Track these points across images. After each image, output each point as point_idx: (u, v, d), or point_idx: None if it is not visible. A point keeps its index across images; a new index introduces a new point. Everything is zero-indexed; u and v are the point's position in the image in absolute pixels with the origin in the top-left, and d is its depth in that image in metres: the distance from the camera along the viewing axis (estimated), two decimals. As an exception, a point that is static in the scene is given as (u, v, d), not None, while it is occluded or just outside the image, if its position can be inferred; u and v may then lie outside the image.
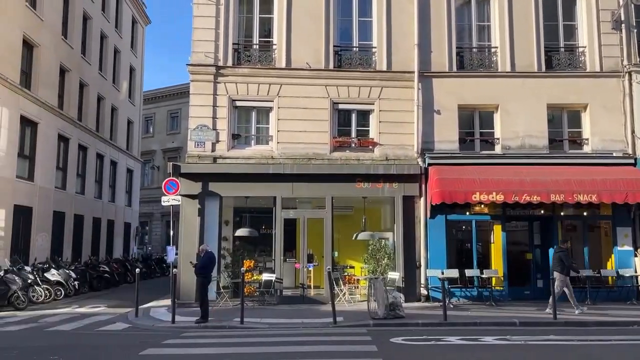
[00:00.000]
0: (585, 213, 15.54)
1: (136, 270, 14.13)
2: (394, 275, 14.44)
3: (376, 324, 11.34)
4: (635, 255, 14.99)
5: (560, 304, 12.21)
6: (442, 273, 14.12)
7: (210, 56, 15.45)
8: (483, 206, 15.22)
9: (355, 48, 16.16)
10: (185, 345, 9.39)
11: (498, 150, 15.66)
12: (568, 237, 15.11)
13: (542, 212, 15.41)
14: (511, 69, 15.83)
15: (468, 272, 14.67)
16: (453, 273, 14.43)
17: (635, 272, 14.82)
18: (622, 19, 15.95)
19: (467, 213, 15.37)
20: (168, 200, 14.77)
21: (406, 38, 15.81)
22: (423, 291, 14.94)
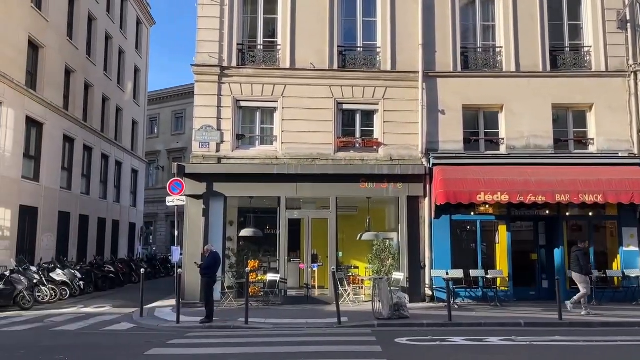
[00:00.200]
0: (590, 213, 15.49)
1: (141, 270, 14.17)
2: (399, 275, 14.44)
3: (381, 325, 11.33)
4: (641, 255, 14.93)
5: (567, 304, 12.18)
6: (447, 273, 14.15)
7: (214, 57, 15.48)
8: (488, 206, 15.21)
9: (359, 48, 16.15)
10: (190, 345, 9.41)
11: (503, 150, 15.63)
12: (587, 237, 14.84)
13: (548, 213, 15.38)
14: (516, 69, 15.79)
15: (473, 273, 14.63)
16: (458, 273, 14.42)
17: (641, 273, 14.76)
18: (628, 19, 15.90)
19: (472, 213, 15.35)
20: (173, 200, 14.79)
21: (410, 38, 15.80)
22: (428, 291, 14.93)
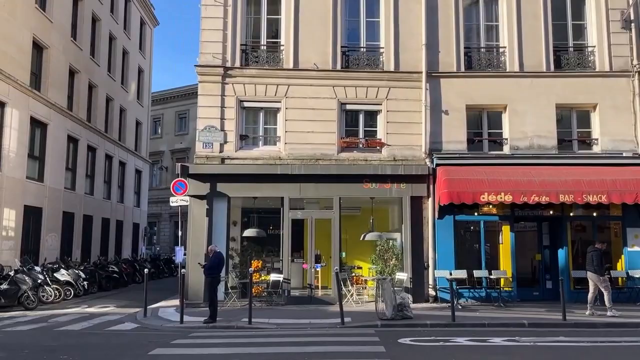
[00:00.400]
0: (594, 214, 15.45)
1: (145, 270, 14.20)
2: (402, 275, 14.42)
3: (384, 325, 11.33)
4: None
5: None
6: (450, 274, 14.11)
7: (218, 57, 15.50)
8: (491, 207, 15.18)
9: (362, 48, 16.14)
10: (193, 345, 9.43)
11: (506, 150, 15.60)
12: (605, 239, 14.68)
13: (551, 213, 15.34)
14: (519, 69, 15.75)
15: (476, 273, 14.62)
16: (461, 274, 14.39)
17: (645, 273, 14.70)
18: (632, 18, 15.84)
19: (476, 214, 15.33)
20: (176, 200, 14.83)
21: (414, 38, 15.78)
22: (431, 292, 14.91)
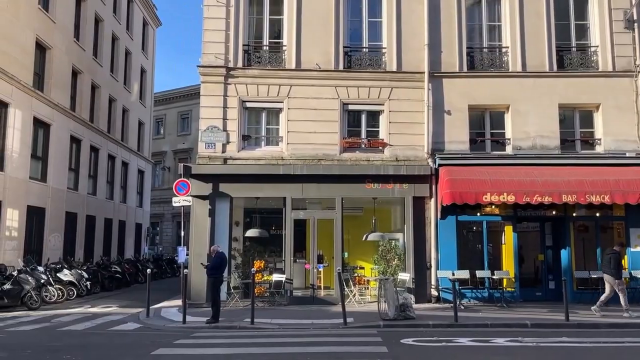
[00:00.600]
0: (597, 214, 15.39)
1: (147, 270, 14.22)
2: (405, 276, 14.41)
3: (386, 325, 11.32)
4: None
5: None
6: (453, 274, 14.11)
7: (220, 58, 15.51)
8: (494, 207, 15.15)
9: (365, 49, 16.14)
10: (196, 345, 9.44)
11: (509, 150, 15.57)
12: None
13: (554, 213, 15.32)
14: (522, 69, 15.73)
15: (479, 274, 14.59)
16: (464, 274, 14.38)
17: (648, 274, 14.66)
18: (635, 18, 15.80)
19: (478, 214, 15.31)
20: (179, 201, 14.84)
21: (416, 38, 15.77)
22: (433, 292, 14.89)
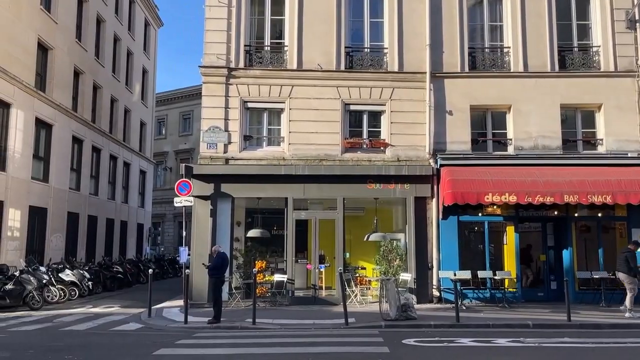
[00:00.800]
0: (599, 214, 15.37)
1: (149, 270, 14.24)
2: (406, 276, 14.41)
3: (388, 325, 11.32)
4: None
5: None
6: (455, 274, 14.09)
7: (222, 58, 15.52)
8: (496, 207, 15.13)
9: (366, 49, 16.13)
10: (197, 345, 9.45)
11: (511, 151, 15.56)
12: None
13: (556, 213, 15.30)
14: (524, 69, 15.71)
15: (480, 274, 14.56)
16: (465, 274, 14.35)
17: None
18: (637, 18, 15.78)
19: (480, 214, 15.29)
20: (180, 201, 14.84)
21: (418, 38, 15.77)
22: (435, 292, 14.88)
